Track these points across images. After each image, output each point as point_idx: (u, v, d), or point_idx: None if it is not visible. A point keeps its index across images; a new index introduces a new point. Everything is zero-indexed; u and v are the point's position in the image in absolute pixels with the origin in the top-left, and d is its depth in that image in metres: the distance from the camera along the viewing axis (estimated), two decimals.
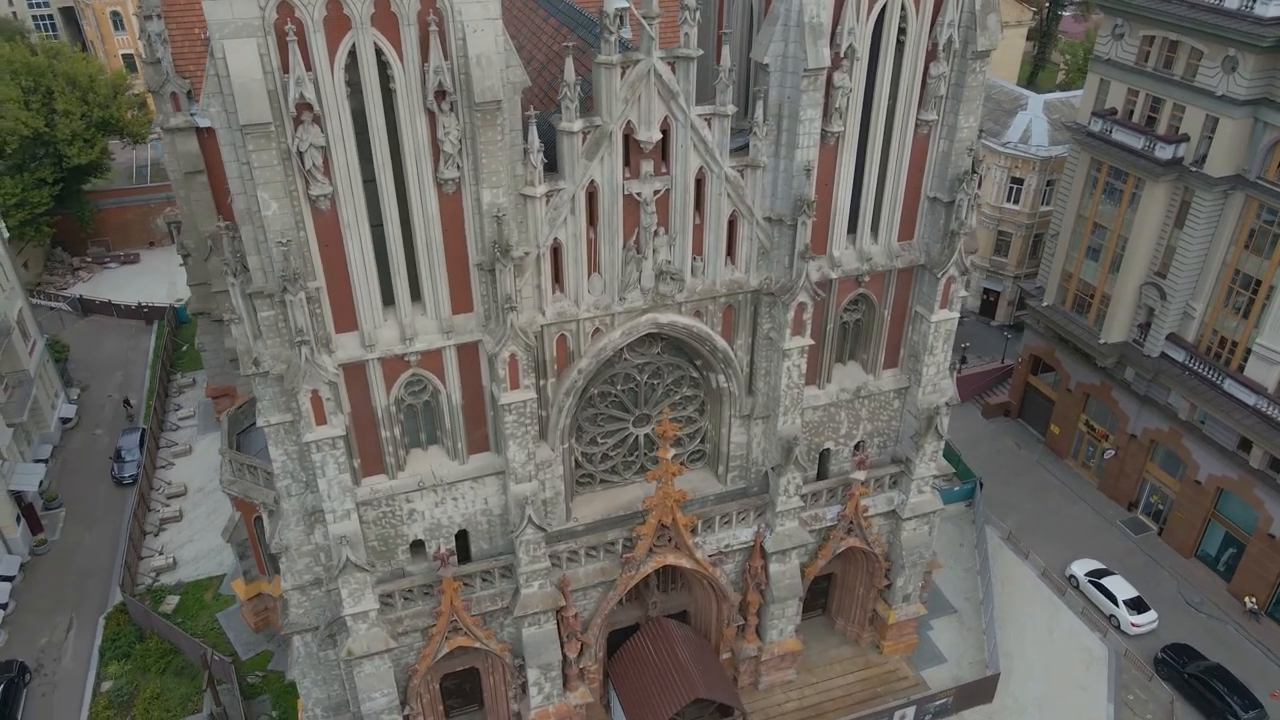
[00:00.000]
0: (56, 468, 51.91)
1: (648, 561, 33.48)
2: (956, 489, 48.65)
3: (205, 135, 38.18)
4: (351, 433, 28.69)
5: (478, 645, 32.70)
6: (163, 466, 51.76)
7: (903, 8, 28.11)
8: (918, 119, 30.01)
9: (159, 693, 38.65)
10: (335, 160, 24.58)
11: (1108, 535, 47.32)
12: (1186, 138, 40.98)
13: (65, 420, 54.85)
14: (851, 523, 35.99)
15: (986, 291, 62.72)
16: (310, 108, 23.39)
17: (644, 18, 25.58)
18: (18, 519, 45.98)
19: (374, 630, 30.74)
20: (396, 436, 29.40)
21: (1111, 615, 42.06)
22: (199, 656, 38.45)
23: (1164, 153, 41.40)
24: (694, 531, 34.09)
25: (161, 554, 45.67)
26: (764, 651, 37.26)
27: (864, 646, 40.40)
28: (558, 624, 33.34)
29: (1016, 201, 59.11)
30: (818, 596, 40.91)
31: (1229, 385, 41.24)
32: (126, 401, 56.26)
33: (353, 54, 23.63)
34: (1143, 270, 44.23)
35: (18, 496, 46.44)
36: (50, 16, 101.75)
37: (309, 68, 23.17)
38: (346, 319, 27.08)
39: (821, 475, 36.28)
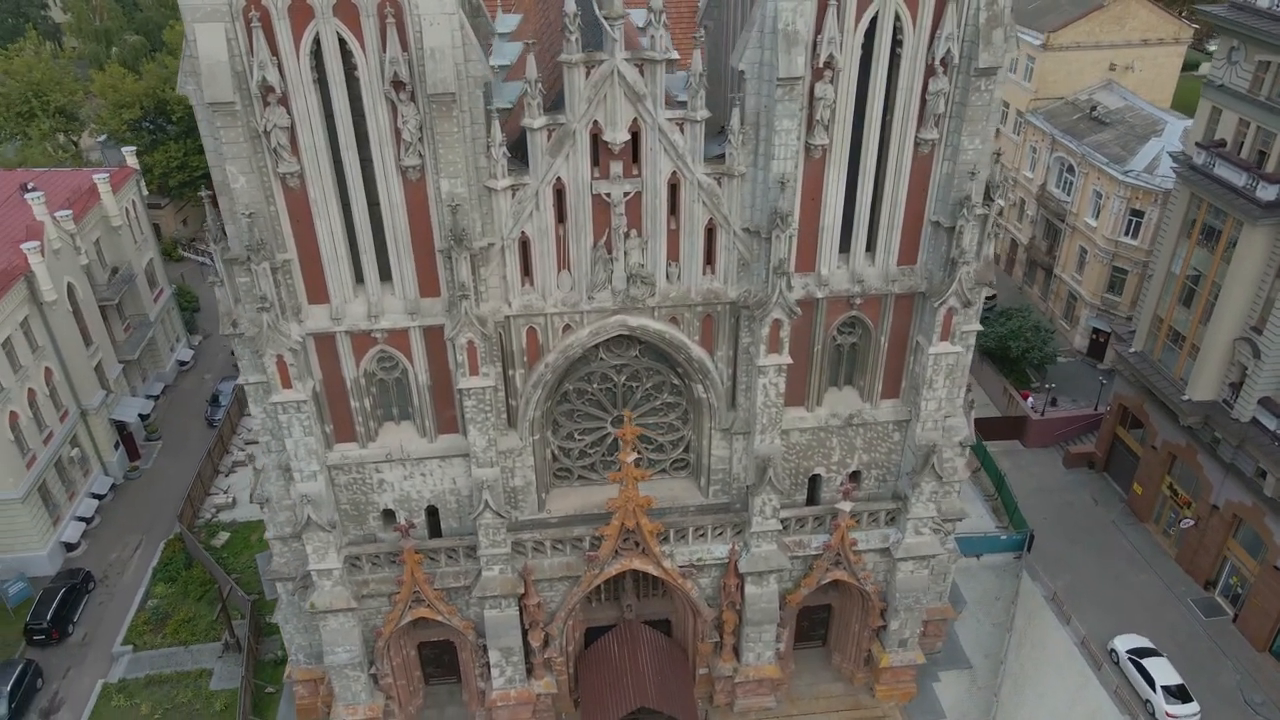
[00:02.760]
0: (165, 404, 57.62)
1: (613, 563, 33.41)
2: (1005, 538, 45.40)
3: None
4: (323, 400, 30.38)
5: (440, 619, 33.86)
6: (249, 415, 56.18)
7: (897, 19, 26.51)
8: (917, 137, 28.21)
9: (190, 617, 42.37)
10: (302, 141, 26.10)
11: (1173, 613, 42.56)
12: None
13: (182, 363, 60.72)
14: (839, 555, 34.38)
15: (1095, 331, 57.62)
16: (273, 90, 24.96)
17: (605, 18, 25.50)
18: (116, 445, 51.51)
19: (337, 588, 32.44)
20: (367, 408, 30.85)
21: (1147, 700, 37.91)
22: (224, 589, 41.75)
23: (1267, 193, 36.70)
24: (666, 540, 33.72)
25: (226, 493, 49.85)
26: (739, 673, 36.28)
27: (857, 687, 38.48)
28: (520, 611, 33.90)
29: (1135, 236, 53.96)
30: (817, 627, 39.37)
31: None
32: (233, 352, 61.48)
33: (319, 41, 25.01)
34: (1237, 323, 39.39)
35: (120, 425, 51.98)
36: None
37: (274, 52, 24.73)
38: (318, 291, 28.68)
39: (813, 501, 34.89)
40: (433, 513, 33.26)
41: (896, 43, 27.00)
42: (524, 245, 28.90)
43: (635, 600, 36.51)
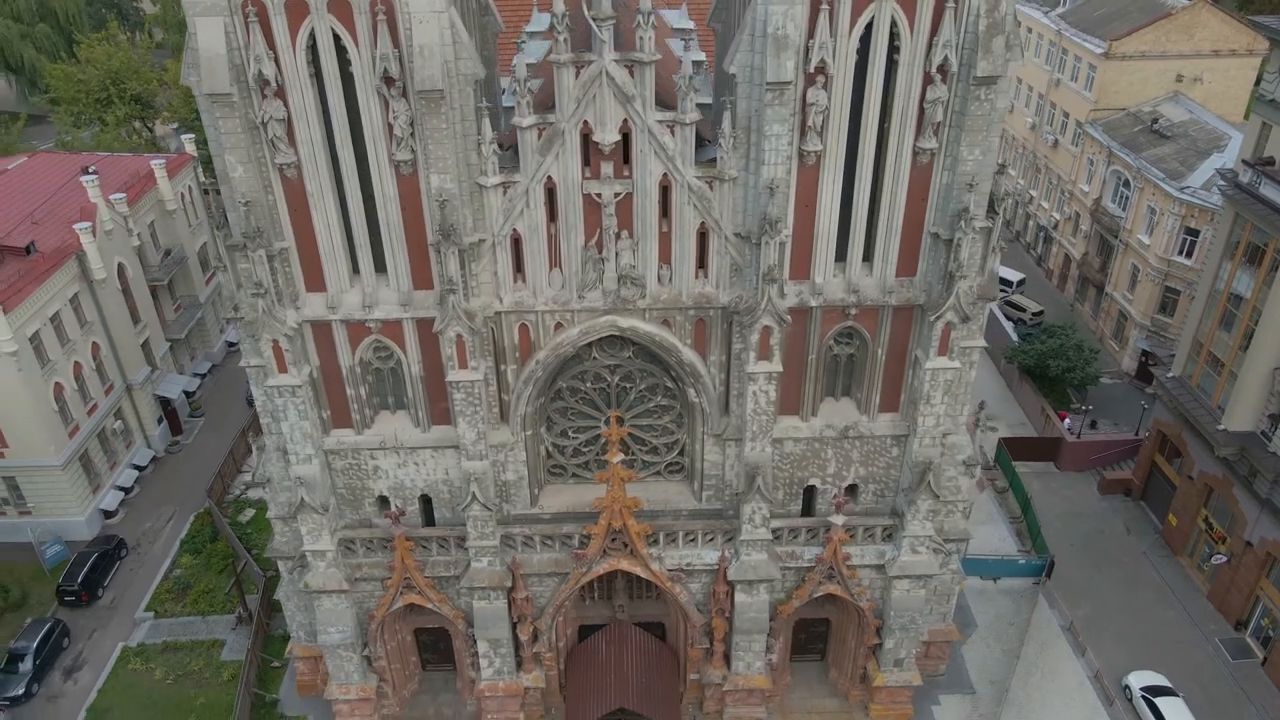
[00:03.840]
0: (211, 383, 59.82)
1: (601, 562, 33.47)
2: (1023, 562, 43.98)
3: None
4: (320, 386, 31.19)
5: (429, 607, 34.44)
6: None
7: (894, 25, 25.90)
8: (916, 146, 27.52)
9: (210, 589, 43.97)
10: (299, 133, 26.83)
11: (1198, 653, 40.61)
12: None
13: (231, 344, 62.80)
14: (831, 569, 33.78)
15: (1144, 353, 55.25)
16: (269, 83, 25.73)
17: (593, 19, 25.57)
18: (159, 420, 53.76)
19: (331, 570, 33.29)
20: (363, 395, 31.55)
21: None
22: (238, 564, 43.21)
23: None
24: (655, 542, 33.65)
25: (255, 471, 51.47)
26: (729, 681, 35.95)
27: (852, 704, 37.77)
28: (509, 604, 34.24)
29: (1188, 255, 51.57)
30: (816, 640, 38.76)
31: None
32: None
33: (315, 36, 25.67)
34: (1278, 351, 37.37)
35: (164, 401, 54.23)
36: None
37: (271, 46, 25.49)
38: (315, 280, 29.45)
39: (808, 512, 34.36)
40: (426, 501, 33.84)
41: (894, 49, 26.40)
42: (516, 242, 29.16)
43: (627, 601, 36.51)
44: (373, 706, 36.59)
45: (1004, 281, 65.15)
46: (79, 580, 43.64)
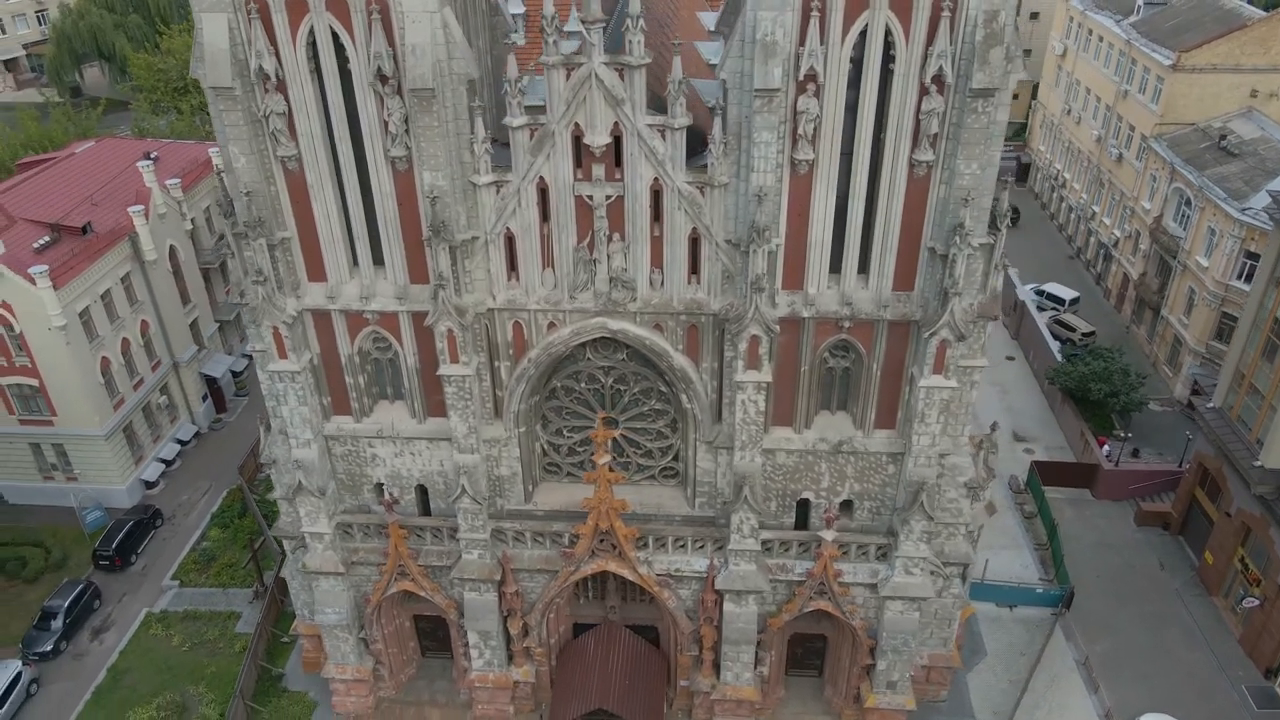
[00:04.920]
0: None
1: (589, 562, 33.60)
2: (1041, 591, 42.49)
3: None
4: (322, 373, 32.07)
5: (422, 595, 35.09)
6: None
7: (888, 34, 25.30)
8: (912, 158, 26.83)
9: (233, 562, 45.62)
10: (300, 127, 27.64)
11: (1221, 698, 38.58)
12: None
13: None
14: (823, 584, 33.21)
15: (1197, 381, 52.49)
16: (269, 78, 26.56)
17: (583, 22, 25.66)
18: (204, 397, 55.96)
19: (328, 552, 34.22)
20: (361, 384, 32.31)
21: None
22: (258, 540, 44.72)
23: None
24: (645, 546, 33.62)
25: None
26: (717, 690, 35.67)
27: None
28: (500, 597, 34.64)
29: (1247, 280, 48.86)
30: (813, 656, 38.15)
31: None
32: None
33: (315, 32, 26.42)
34: None
35: (210, 380, 56.42)
36: None
37: (272, 42, 26.31)
38: (316, 270, 30.30)
39: (802, 526, 33.85)
40: (423, 490, 34.46)
41: (891, 58, 25.79)
42: (509, 240, 29.47)
43: (619, 602, 36.54)
44: (368, 687, 37.47)
45: (1055, 299, 62.95)
46: (114, 546, 45.75)
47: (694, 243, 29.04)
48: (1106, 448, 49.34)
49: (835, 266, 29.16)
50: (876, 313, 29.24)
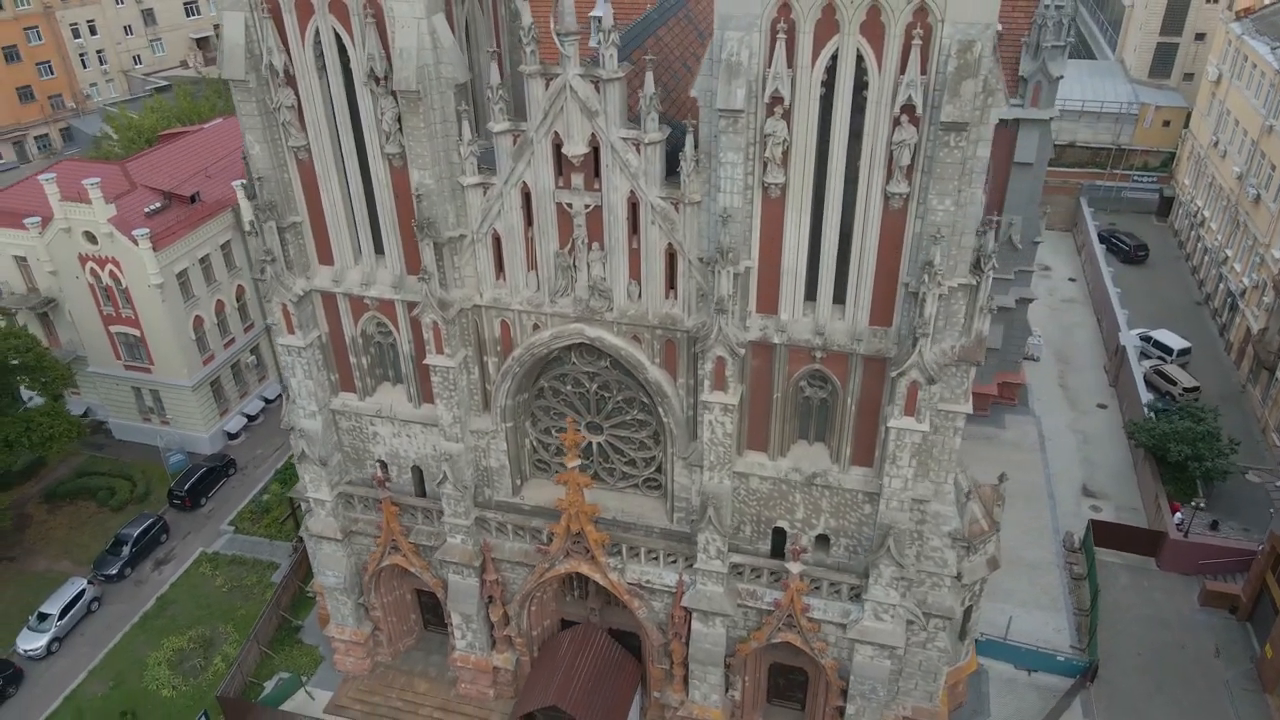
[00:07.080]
0: None
1: (563, 562, 34.17)
2: (1061, 659, 39.59)
3: None
4: (330, 351, 34.12)
5: (413, 571, 36.74)
6: None
7: (860, 60, 24.35)
8: (887, 190, 25.72)
9: (282, 517, 49.08)
10: (308, 119, 29.55)
11: None
12: None
13: None
14: (790, 617, 32.40)
15: None
16: (278, 73, 28.53)
17: (558, 34, 26.09)
18: None
19: (329, 519, 36.42)
20: (364, 365, 34.13)
21: None
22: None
23: None
24: (617, 553, 33.85)
25: None
26: (684, 708, 35.47)
27: None
28: (481, 583, 35.79)
29: None
30: (796, 689, 37.18)
31: None
32: None
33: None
34: None
35: None
36: None
37: (283, 39, 28.26)
38: (325, 254, 32.28)
39: (778, 555, 33.06)
40: (419, 471, 36.03)
41: (866, 85, 24.83)
42: (497, 241, 30.36)
43: (601, 605, 36.89)
44: (365, 650, 39.56)
45: (1164, 348, 57.93)
46: (186, 488, 50.25)
47: (671, 258, 28.98)
48: (1179, 515, 45.16)
49: (811, 295, 28.35)
50: (850, 345, 28.22)
